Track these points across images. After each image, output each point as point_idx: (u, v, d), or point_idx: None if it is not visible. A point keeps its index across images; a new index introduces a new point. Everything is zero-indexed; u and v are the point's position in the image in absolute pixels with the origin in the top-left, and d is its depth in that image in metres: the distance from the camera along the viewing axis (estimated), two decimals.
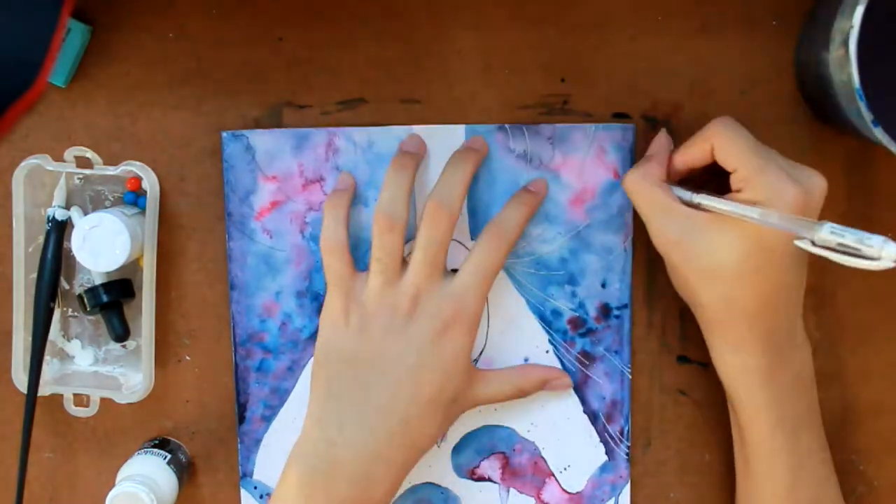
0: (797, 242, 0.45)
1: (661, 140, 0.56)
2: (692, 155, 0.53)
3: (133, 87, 0.59)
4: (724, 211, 0.50)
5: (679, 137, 0.58)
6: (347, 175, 0.58)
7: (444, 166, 0.56)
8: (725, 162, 0.51)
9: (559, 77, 0.58)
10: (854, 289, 0.59)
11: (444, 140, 0.57)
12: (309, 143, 0.58)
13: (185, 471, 0.59)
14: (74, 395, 0.59)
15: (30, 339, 0.57)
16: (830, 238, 0.43)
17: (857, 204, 0.59)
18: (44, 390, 0.58)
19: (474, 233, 0.58)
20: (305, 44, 0.58)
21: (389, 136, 0.57)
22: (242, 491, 0.60)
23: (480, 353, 0.59)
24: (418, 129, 0.57)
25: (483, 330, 0.59)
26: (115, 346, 0.61)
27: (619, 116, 0.58)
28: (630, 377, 0.59)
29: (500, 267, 0.56)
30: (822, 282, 0.59)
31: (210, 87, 0.59)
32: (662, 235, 0.53)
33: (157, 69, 0.58)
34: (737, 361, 0.53)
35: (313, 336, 0.59)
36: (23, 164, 0.56)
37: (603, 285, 0.58)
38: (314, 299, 0.58)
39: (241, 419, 0.59)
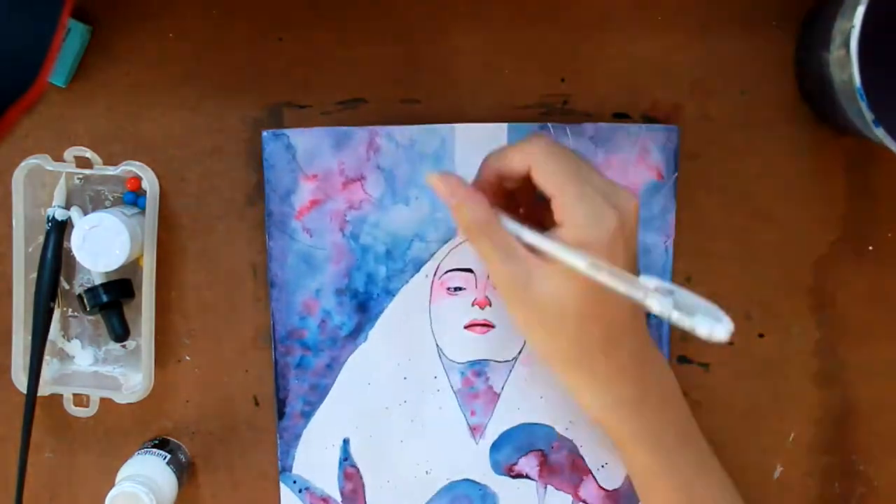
0: (644, 301, 0.44)
1: (449, 180, 0.50)
2: (506, 166, 0.50)
3: (133, 87, 0.59)
4: (552, 255, 0.48)
5: (680, 137, 0.58)
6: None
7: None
8: (543, 186, 0.49)
9: (559, 77, 0.58)
10: (854, 289, 0.59)
11: (485, 139, 0.57)
12: (350, 142, 0.58)
13: (185, 471, 0.59)
14: (74, 395, 0.59)
15: (30, 339, 0.57)
16: (661, 309, 0.43)
17: (857, 204, 0.59)
18: (44, 390, 0.58)
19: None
20: (305, 44, 0.58)
21: (431, 135, 0.57)
22: (282, 486, 0.60)
23: (520, 352, 0.59)
24: (460, 127, 0.57)
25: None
26: (115, 346, 0.60)
27: (620, 116, 0.58)
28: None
29: None
30: (822, 282, 0.59)
31: (210, 87, 0.58)
32: (512, 281, 0.49)
33: (157, 69, 0.58)
34: (606, 399, 0.51)
35: (352, 334, 0.59)
36: (23, 164, 0.56)
37: None
38: (353, 297, 0.59)
39: (281, 415, 0.60)
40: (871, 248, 0.59)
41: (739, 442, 0.60)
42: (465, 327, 0.59)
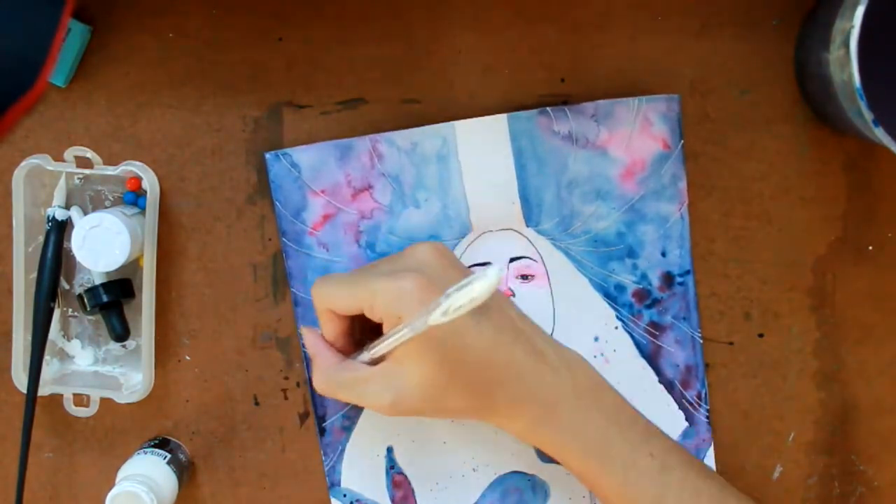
0: (432, 323, 0.45)
1: (308, 337, 0.55)
2: (331, 324, 0.54)
3: (133, 87, 0.59)
4: (389, 347, 0.51)
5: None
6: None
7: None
8: (345, 309, 0.52)
9: (559, 77, 0.58)
10: (854, 289, 0.59)
11: (486, 133, 0.57)
12: (353, 153, 0.58)
13: (185, 471, 0.59)
14: (74, 395, 0.59)
15: (30, 339, 0.57)
16: (445, 316, 0.44)
17: (857, 204, 0.59)
18: (44, 390, 0.58)
19: (528, 220, 0.58)
20: (305, 44, 0.58)
21: (432, 135, 0.57)
22: (333, 500, 0.60)
23: (551, 334, 0.59)
24: (460, 124, 0.57)
25: (549, 313, 0.59)
26: (115, 346, 0.61)
27: None
28: (701, 341, 0.59)
29: None
30: (822, 282, 0.59)
31: (210, 87, 0.59)
32: (380, 402, 0.52)
33: (157, 69, 0.58)
34: (522, 426, 0.53)
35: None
36: (23, 164, 0.56)
37: (663, 254, 0.58)
38: None
39: (322, 431, 0.59)
40: (871, 248, 0.59)
41: (739, 442, 0.60)
42: None
